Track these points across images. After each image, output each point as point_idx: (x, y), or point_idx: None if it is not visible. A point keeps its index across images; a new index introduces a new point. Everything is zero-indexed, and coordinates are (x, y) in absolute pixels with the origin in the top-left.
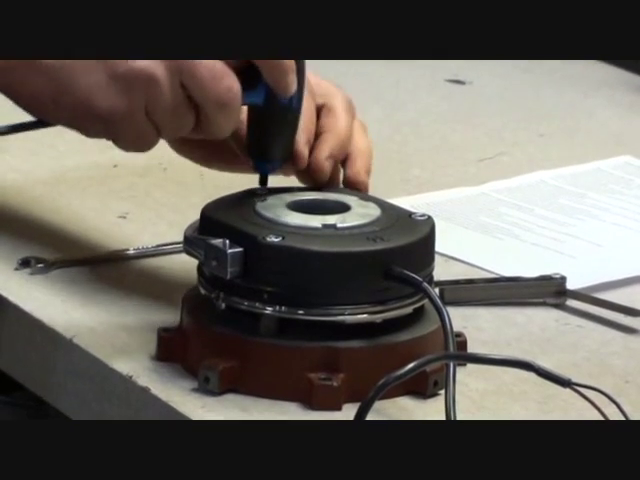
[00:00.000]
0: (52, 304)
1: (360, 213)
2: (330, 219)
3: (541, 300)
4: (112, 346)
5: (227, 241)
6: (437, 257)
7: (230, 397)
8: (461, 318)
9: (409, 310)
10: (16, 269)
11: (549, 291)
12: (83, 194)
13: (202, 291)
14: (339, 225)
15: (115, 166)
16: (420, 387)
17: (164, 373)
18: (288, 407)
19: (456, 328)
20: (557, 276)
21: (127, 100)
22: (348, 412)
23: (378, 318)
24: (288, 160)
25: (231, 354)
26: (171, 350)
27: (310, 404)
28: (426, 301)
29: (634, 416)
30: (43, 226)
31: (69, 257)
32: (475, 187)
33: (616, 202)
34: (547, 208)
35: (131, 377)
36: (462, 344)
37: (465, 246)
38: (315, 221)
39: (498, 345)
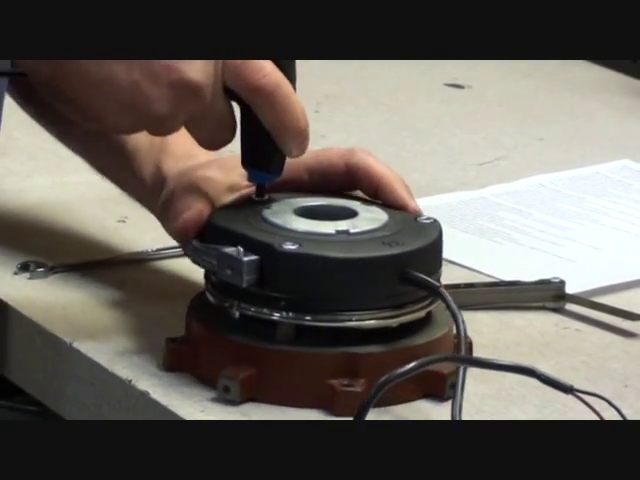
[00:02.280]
0: (52, 309)
1: (368, 218)
2: (342, 225)
3: (540, 304)
4: (112, 350)
5: (241, 249)
6: None
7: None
8: None
9: (422, 314)
10: (15, 273)
11: (548, 295)
12: (82, 198)
13: (212, 300)
14: (352, 230)
15: None
16: (437, 390)
17: (164, 377)
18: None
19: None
20: (556, 280)
21: (173, 108)
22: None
23: (394, 322)
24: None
25: (249, 363)
26: (181, 360)
27: (332, 410)
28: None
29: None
30: (42, 230)
31: (68, 261)
32: (474, 191)
33: (615, 206)
34: (546, 212)
35: (130, 381)
36: (468, 346)
37: (464, 250)
38: (327, 227)
39: (497, 349)
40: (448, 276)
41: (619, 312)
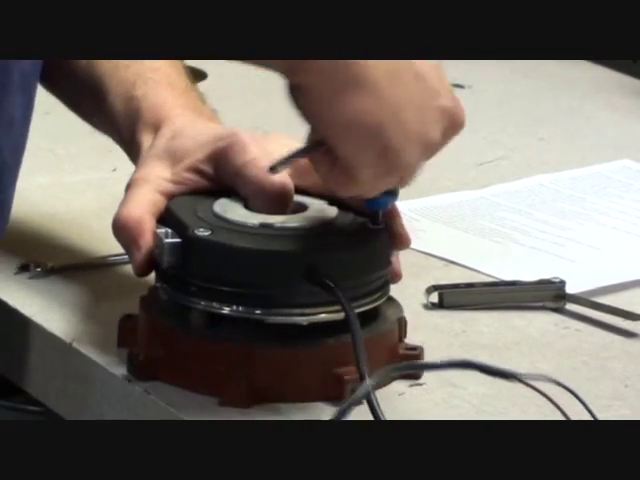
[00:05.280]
0: (51, 309)
1: (311, 216)
2: (271, 218)
3: (540, 304)
4: (111, 350)
5: (169, 231)
6: (436, 261)
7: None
8: (461, 322)
9: (339, 316)
10: (15, 274)
11: (548, 295)
12: (82, 198)
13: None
14: (277, 225)
15: (114, 170)
16: (338, 394)
17: None
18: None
19: (455, 332)
20: (556, 280)
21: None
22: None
23: (303, 321)
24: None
25: (160, 344)
26: (125, 337)
27: (221, 398)
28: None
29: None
30: (42, 231)
31: (68, 262)
32: (474, 191)
33: (615, 206)
34: (546, 212)
35: (130, 381)
36: (416, 358)
37: (464, 250)
38: (255, 219)
39: (497, 349)
40: (448, 276)
41: (619, 312)
